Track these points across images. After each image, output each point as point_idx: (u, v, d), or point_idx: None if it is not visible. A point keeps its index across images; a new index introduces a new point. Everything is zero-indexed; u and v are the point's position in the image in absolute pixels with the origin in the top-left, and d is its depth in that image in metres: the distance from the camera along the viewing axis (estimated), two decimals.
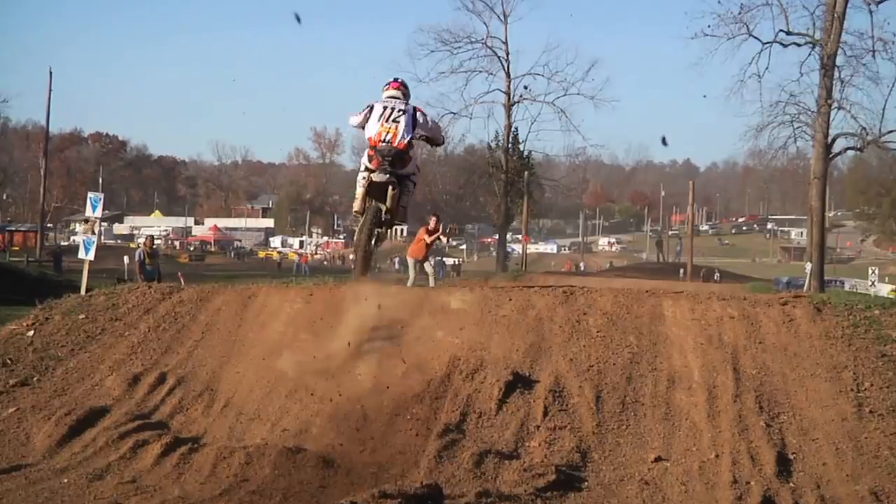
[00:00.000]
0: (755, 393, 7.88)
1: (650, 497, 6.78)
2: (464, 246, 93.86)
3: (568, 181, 59.69)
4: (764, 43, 31.71)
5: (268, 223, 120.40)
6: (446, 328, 9.25)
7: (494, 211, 48.87)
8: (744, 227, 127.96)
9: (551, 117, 49.82)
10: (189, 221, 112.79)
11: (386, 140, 8.64)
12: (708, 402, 7.82)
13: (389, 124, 8.65)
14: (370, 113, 8.81)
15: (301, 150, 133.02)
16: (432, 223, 16.32)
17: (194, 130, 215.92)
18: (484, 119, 57.07)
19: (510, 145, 45.94)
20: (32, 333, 10.47)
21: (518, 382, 8.18)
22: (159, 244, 66.15)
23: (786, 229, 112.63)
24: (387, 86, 9.09)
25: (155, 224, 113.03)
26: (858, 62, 30.55)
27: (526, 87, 44.82)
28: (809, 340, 8.52)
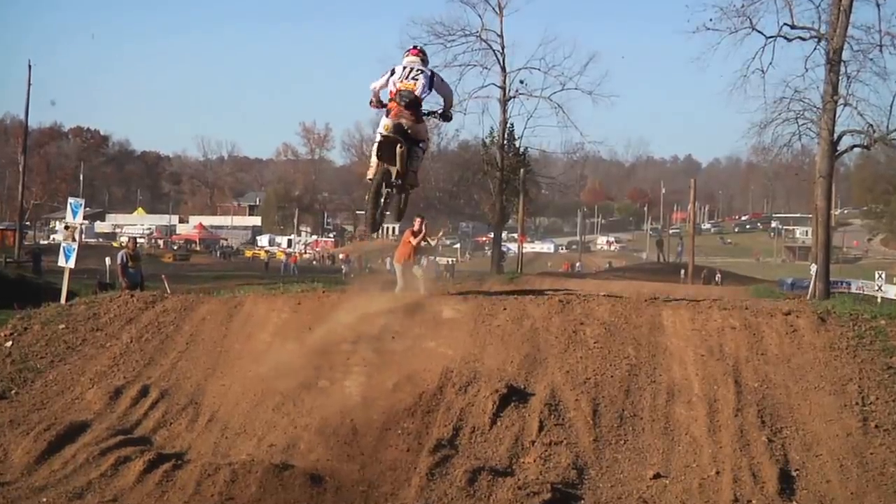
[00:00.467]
0: (757, 407, 7.91)
1: None
2: (458, 245, 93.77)
3: (565, 178, 59.55)
4: (767, 37, 31.61)
5: (255, 221, 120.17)
6: (439, 339, 9.27)
7: (489, 209, 48.72)
8: (747, 226, 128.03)
9: (548, 113, 49.98)
10: (173, 219, 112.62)
11: (406, 90, 9.37)
12: (708, 417, 7.85)
13: (409, 81, 9.42)
14: (391, 75, 9.57)
15: (289, 146, 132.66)
16: (416, 224, 16.25)
17: (179, 125, 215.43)
18: (479, 115, 57.01)
19: (505, 142, 45.91)
20: (10, 344, 10.46)
21: (512, 395, 8.19)
22: (142, 243, 66.21)
23: (790, 228, 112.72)
24: (407, 52, 9.93)
25: (138, 222, 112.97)
26: (865, 57, 30.49)
27: (522, 82, 44.77)
28: (813, 352, 8.55)
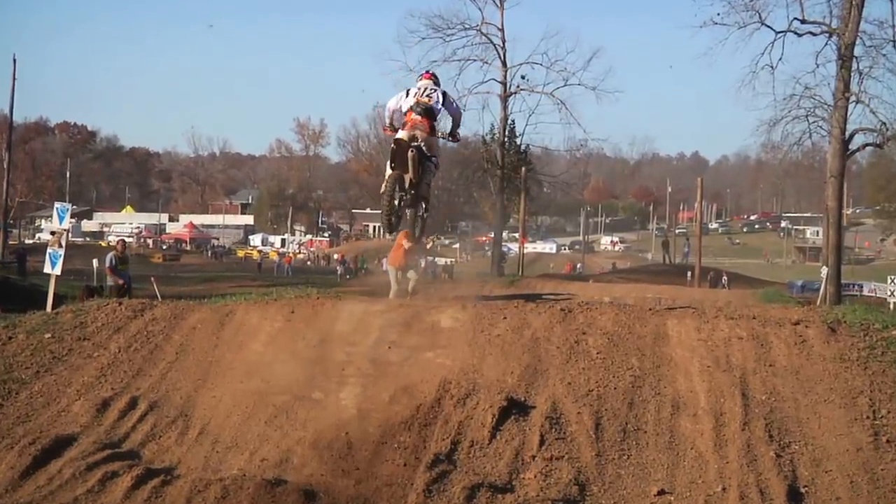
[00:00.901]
0: (765, 420, 7.91)
1: None
2: (457, 245, 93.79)
3: (568, 176, 59.45)
4: (777, 32, 31.64)
5: (247, 220, 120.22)
6: (437, 348, 9.28)
7: (489, 208, 48.84)
8: (756, 226, 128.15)
9: (550, 109, 49.99)
10: (163, 218, 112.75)
11: (423, 102, 10.79)
12: (715, 430, 7.85)
13: (424, 96, 10.82)
14: (406, 95, 10.94)
15: (283, 142, 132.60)
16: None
17: (169, 120, 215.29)
18: (478, 111, 56.87)
19: (506, 139, 45.87)
20: None
21: (513, 408, 8.19)
22: (131, 243, 66.18)
23: (801, 228, 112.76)
24: (420, 76, 11.48)
25: (126, 221, 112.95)
26: (878, 53, 30.55)
27: (523, 77, 44.65)
28: (823, 363, 8.55)
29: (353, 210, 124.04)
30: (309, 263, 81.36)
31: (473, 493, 7.08)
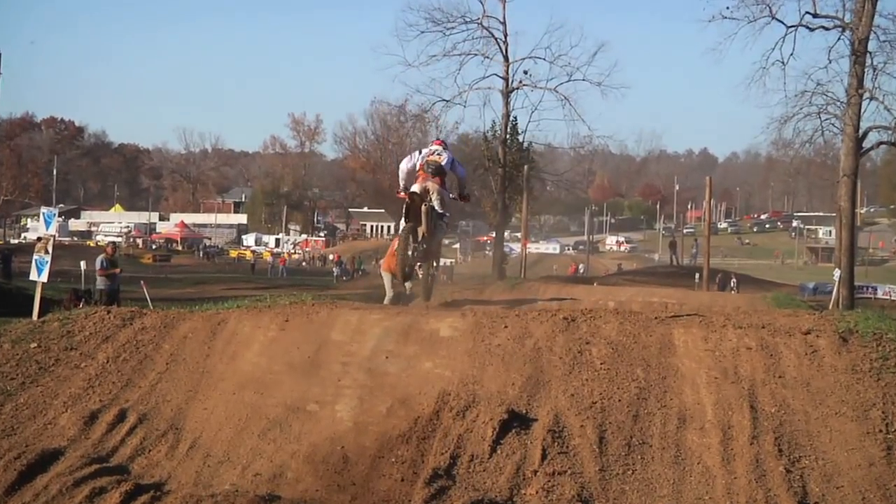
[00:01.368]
0: (774, 434, 7.90)
1: None
2: (457, 245, 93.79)
3: (572, 174, 59.54)
4: (788, 26, 31.67)
5: (240, 219, 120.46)
6: (435, 359, 9.29)
7: (490, 208, 48.67)
8: (766, 225, 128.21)
9: (554, 105, 49.80)
10: (153, 217, 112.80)
11: (433, 161, 12.67)
12: (722, 444, 7.85)
13: (435, 156, 12.72)
14: (418, 155, 12.90)
15: (277, 138, 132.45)
16: None
17: (159, 116, 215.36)
18: (479, 107, 57.00)
19: (508, 136, 45.81)
20: None
21: (514, 421, 8.19)
22: (119, 242, 66.23)
23: (813, 228, 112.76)
24: (431, 142, 13.56)
25: (115, 220, 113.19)
26: (893, 48, 30.54)
27: (526, 72, 44.55)
28: (834, 375, 8.55)
29: (350, 209, 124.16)
30: (304, 264, 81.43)
31: None
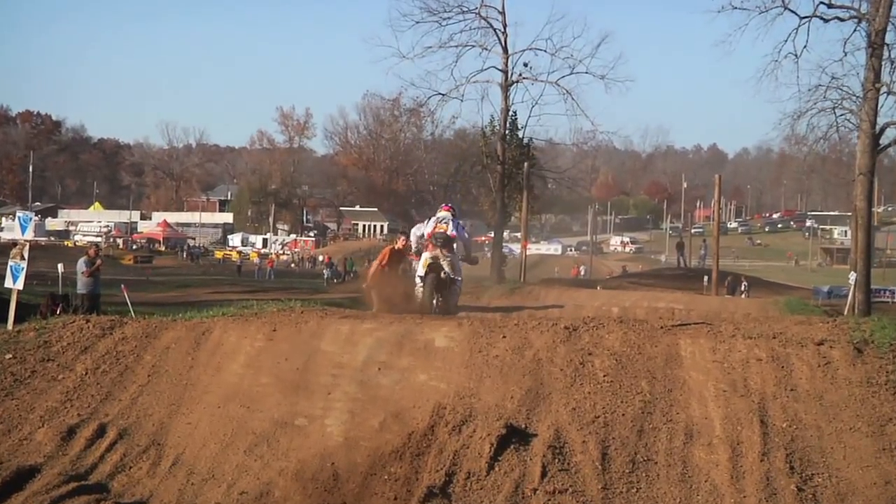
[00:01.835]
0: (785, 450, 7.91)
1: None
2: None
3: (574, 171, 59.58)
4: (802, 17, 31.52)
5: (226, 218, 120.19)
6: (430, 371, 9.30)
7: (489, 207, 48.65)
8: (778, 225, 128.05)
9: (555, 99, 50.05)
10: (134, 216, 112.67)
11: (440, 231, 14.34)
12: (731, 461, 7.86)
13: (443, 224, 14.41)
14: (429, 223, 14.59)
15: (265, 133, 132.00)
16: (400, 242, 16.40)
17: (140, 109, 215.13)
18: (477, 101, 56.83)
19: (507, 131, 45.78)
20: None
21: (512, 436, 8.20)
22: (99, 242, 66.17)
23: (827, 227, 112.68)
24: (441, 207, 15.10)
25: (95, 218, 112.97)
26: None
27: (526, 65, 44.54)
28: (849, 388, 8.54)
29: (341, 207, 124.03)
30: (293, 266, 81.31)
31: None
